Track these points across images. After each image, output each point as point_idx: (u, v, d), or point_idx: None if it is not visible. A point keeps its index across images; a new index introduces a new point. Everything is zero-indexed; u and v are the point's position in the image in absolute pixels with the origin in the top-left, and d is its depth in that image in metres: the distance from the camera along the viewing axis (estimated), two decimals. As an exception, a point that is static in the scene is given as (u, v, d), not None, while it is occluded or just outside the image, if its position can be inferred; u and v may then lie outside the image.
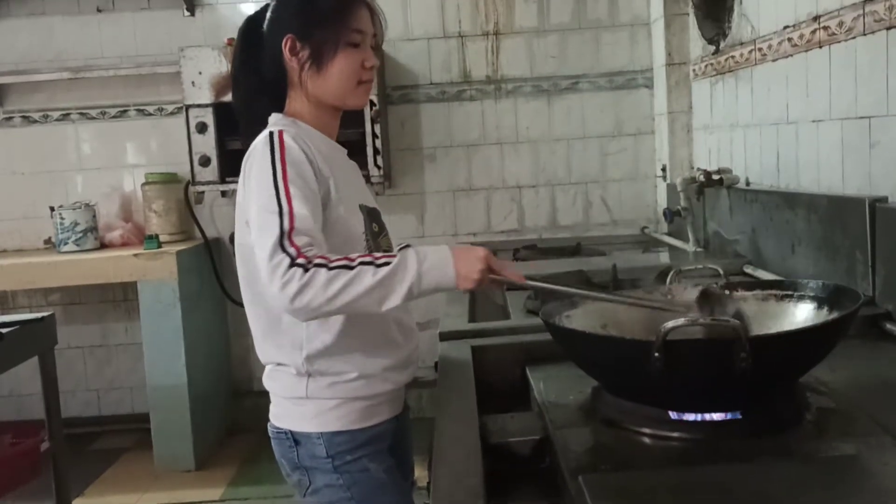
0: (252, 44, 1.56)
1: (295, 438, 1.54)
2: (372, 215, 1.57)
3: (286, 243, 1.34)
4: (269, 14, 1.55)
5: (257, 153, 1.44)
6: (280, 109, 1.57)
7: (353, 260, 1.34)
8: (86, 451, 3.86)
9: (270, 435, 1.60)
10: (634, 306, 1.40)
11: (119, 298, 3.99)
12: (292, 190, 1.38)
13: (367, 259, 1.34)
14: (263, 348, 1.57)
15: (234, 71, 1.61)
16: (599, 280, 2.24)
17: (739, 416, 1.18)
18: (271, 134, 1.45)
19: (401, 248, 1.39)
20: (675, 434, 1.18)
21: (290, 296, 1.31)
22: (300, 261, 1.32)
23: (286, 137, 1.44)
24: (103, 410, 4.10)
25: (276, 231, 1.35)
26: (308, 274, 1.31)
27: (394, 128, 3.88)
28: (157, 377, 3.52)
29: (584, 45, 3.86)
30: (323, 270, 1.32)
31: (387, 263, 1.34)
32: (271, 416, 1.59)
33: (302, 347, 1.50)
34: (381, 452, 1.56)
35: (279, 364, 1.54)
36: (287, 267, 1.32)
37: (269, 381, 1.59)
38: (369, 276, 1.32)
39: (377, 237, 1.56)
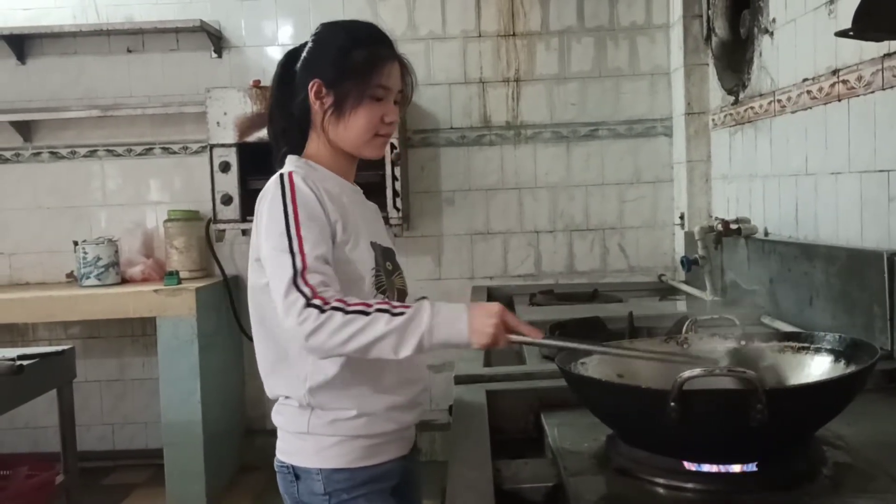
0: (286, 81, 1.61)
1: (296, 473, 1.56)
2: (386, 255, 1.59)
3: (300, 282, 1.37)
4: (304, 53, 1.59)
5: (269, 194, 1.49)
6: (303, 148, 1.62)
7: (370, 306, 1.37)
8: (99, 486, 3.86)
9: (276, 469, 1.62)
10: (655, 361, 1.38)
11: (138, 333, 4.02)
12: (304, 231, 1.43)
13: (385, 307, 1.37)
14: (270, 382, 1.60)
15: (270, 103, 1.66)
16: (615, 327, 2.23)
17: (755, 469, 1.17)
18: (282, 176, 1.50)
19: (417, 300, 1.42)
20: (690, 485, 1.17)
21: (306, 334, 1.36)
22: (316, 301, 1.36)
23: (296, 179, 1.48)
24: (117, 445, 4.10)
25: (290, 271, 1.39)
26: (324, 315, 1.35)
27: (413, 171, 3.92)
28: (172, 413, 3.52)
29: (604, 93, 3.91)
30: (339, 314, 1.35)
31: (402, 314, 1.36)
32: (277, 450, 1.62)
33: (305, 380, 1.52)
34: (381, 493, 1.56)
35: (285, 397, 1.57)
36: (303, 306, 1.36)
37: (276, 416, 1.61)
38: (382, 324, 1.35)
39: (391, 275, 1.59)
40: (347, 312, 1.35)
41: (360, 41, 1.56)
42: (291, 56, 1.62)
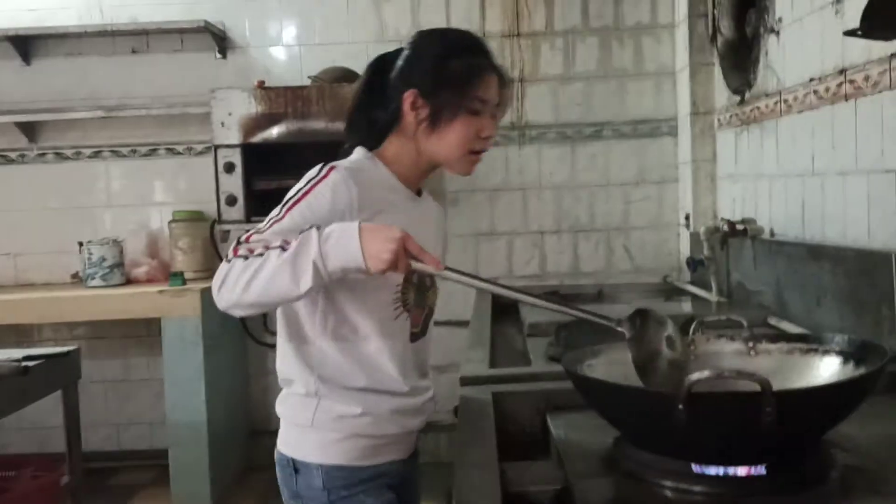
0: (374, 86, 1.57)
1: (295, 466, 1.56)
2: None
3: (240, 239, 1.39)
4: (400, 61, 1.55)
5: (306, 175, 1.50)
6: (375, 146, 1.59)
7: (267, 247, 1.35)
8: (104, 486, 3.86)
9: (276, 460, 1.61)
10: (564, 314, 1.38)
11: (143, 334, 4.02)
12: (291, 214, 1.43)
13: (279, 243, 1.34)
14: (281, 366, 1.59)
15: (353, 105, 1.61)
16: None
17: (764, 472, 1.16)
18: (323, 165, 1.49)
19: (306, 229, 1.36)
20: (698, 488, 1.16)
21: (216, 288, 1.37)
22: (229, 256, 1.37)
23: (332, 175, 1.46)
24: (122, 445, 4.11)
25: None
26: (228, 265, 1.36)
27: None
28: (177, 414, 3.52)
29: (609, 93, 3.90)
30: (240, 261, 1.35)
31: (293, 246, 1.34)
32: (278, 440, 1.61)
33: (314, 367, 1.52)
34: (379, 488, 1.56)
35: (291, 382, 1.56)
36: (222, 263, 1.38)
37: (280, 406, 1.60)
38: (274, 259, 1.32)
39: (426, 291, 1.57)
40: (248, 258, 1.35)
41: (458, 50, 1.53)
42: (382, 61, 1.58)
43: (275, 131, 3.59)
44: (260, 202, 3.65)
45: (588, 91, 3.91)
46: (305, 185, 1.47)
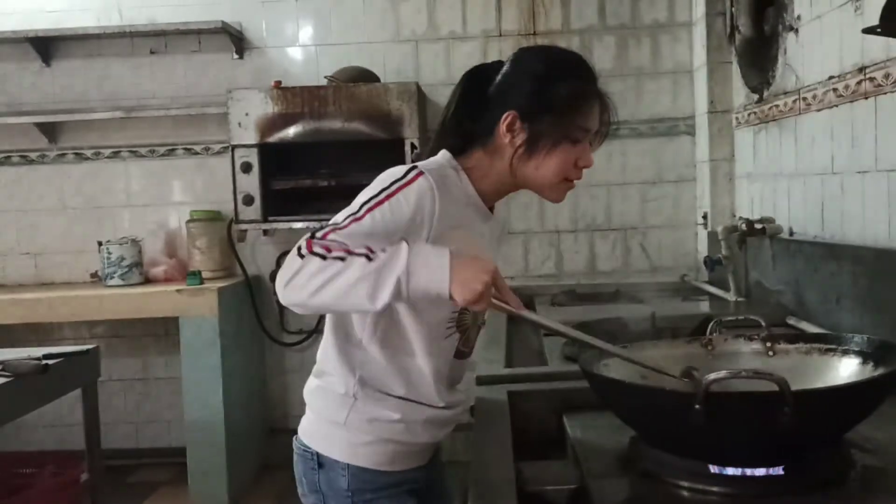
0: (469, 98, 1.50)
1: (320, 461, 1.52)
2: None
3: (303, 242, 1.30)
4: (500, 77, 1.48)
5: (386, 174, 1.41)
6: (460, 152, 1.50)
7: (351, 252, 1.27)
8: (123, 484, 3.89)
9: (294, 448, 1.57)
10: (628, 362, 1.33)
11: (161, 333, 4.05)
12: (373, 214, 1.34)
13: (364, 251, 1.27)
14: (322, 357, 1.54)
15: (445, 114, 1.52)
16: (638, 328, 2.22)
17: (782, 472, 1.15)
18: (412, 168, 1.40)
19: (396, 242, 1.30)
20: (715, 488, 1.15)
21: (285, 281, 1.29)
22: (303, 250, 1.28)
23: (421, 181, 1.38)
24: (141, 443, 4.14)
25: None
26: (303, 260, 1.27)
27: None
28: (195, 412, 3.55)
29: (626, 91, 3.88)
30: (317, 259, 1.27)
31: (380, 257, 1.26)
32: (301, 430, 1.57)
33: (356, 368, 1.48)
34: (401, 494, 1.54)
35: (328, 376, 1.52)
36: (291, 255, 1.30)
37: (310, 397, 1.56)
38: (357, 268, 1.25)
39: (477, 317, 1.52)
40: (326, 258, 1.27)
41: (564, 74, 1.46)
42: (479, 72, 1.52)
43: (291, 131, 3.60)
44: (277, 202, 3.67)
45: (605, 89, 3.88)
46: (390, 187, 1.37)
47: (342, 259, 1.27)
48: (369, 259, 1.26)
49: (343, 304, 1.30)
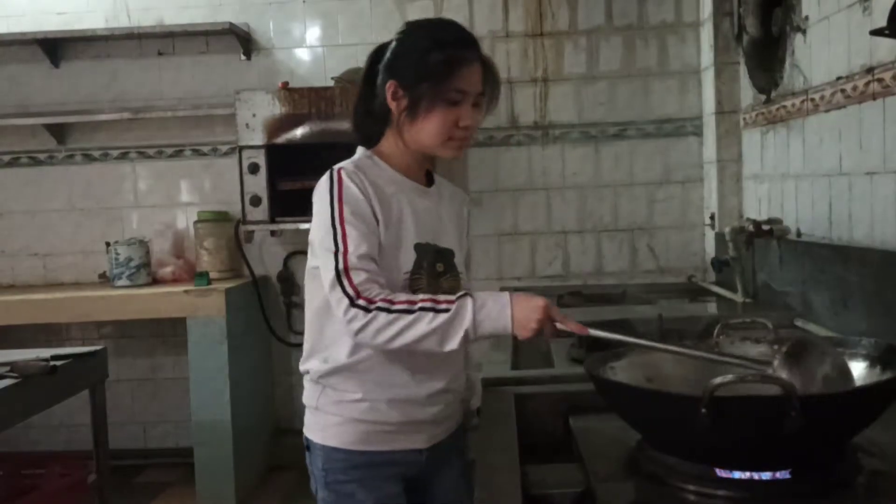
0: (370, 78, 1.61)
1: (308, 445, 1.63)
2: (439, 256, 1.60)
3: (344, 282, 1.43)
4: (387, 53, 1.59)
5: (320, 189, 1.53)
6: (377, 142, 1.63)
7: (414, 304, 1.41)
8: (131, 484, 3.90)
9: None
10: (709, 362, 1.33)
11: (168, 334, 4.06)
12: (348, 228, 1.47)
13: (429, 305, 1.41)
14: (304, 356, 1.65)
15: (355, 99, 1.65)
16: (645, 329, 2.21)
17: (788, 476, 1.15)
18: (331, 171, 1.53)
19: (460, 296, 1.43)
20: (721, 492, 1.15)
21: (354, 331, 1.44)
22: (360, 302, 1.41)
23: (344, 176, 1.51)
24: (149, 444, 4.15)
25: (332, 270, 1.44)
26: (370, 315, 1.41)
27: (440, 171, 3.90)
28: (202, 413, 3.56)
29: (633, 92, 3.88)
30: (383, 315, 1.41)
31: (446, 310, 1.40)
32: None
33: (325, 361, 1.57)
34: (378, 480, 1.57)
35: (307, 363, 1.62)
36: (347, 306, 1.42)
37: (303, 390, 1.67)
38: (425, 324, 1.40)
39: (439, 277, 1.58)
40: (392, 311, 1.41)
41: (439, 43, 1.54)
42: (377, 53, 1.62)
43: (299, 132, 3.61)
44: (284, 203, 3.68)
45: (612, 90, 3.89)
46: (332, 195, 1.50)
47: (409, 312, 1.41)
48: (436, 312, 1.41)
49: (414, 350, 1.45)
